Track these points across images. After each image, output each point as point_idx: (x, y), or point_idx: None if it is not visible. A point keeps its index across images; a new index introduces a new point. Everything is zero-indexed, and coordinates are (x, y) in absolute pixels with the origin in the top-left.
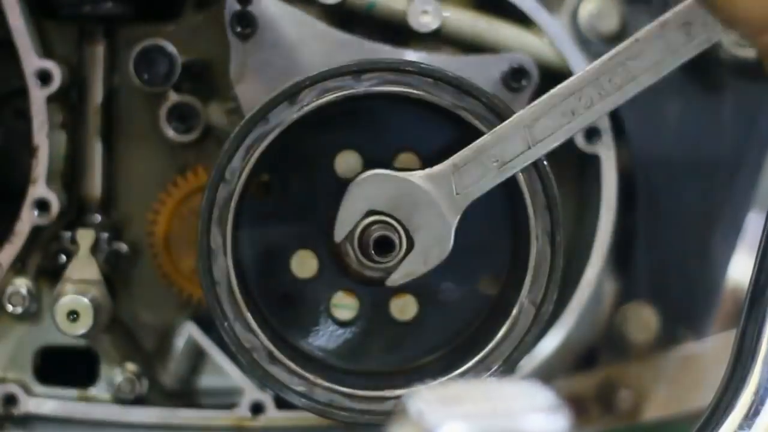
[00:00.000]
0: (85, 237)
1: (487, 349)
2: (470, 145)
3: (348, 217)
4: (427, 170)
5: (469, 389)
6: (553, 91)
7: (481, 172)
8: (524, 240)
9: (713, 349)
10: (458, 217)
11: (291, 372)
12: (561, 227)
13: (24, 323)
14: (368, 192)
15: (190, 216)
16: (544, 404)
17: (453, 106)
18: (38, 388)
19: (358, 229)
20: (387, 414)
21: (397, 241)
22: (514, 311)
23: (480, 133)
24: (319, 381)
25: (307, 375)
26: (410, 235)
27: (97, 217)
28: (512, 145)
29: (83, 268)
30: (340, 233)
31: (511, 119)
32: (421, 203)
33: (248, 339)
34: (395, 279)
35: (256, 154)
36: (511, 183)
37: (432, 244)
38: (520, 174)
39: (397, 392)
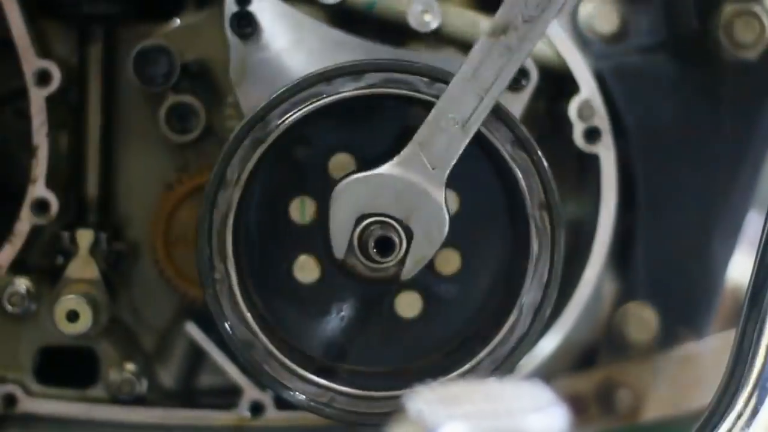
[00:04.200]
0: (84, 237)
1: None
2: (426, 120)
3: (340, 232)
4: (395, 158)
5: (469, 389)
6: (481, 37)
7: (447, 139)
8: (517, 285)
9: (713, 348)
10: (443, 189)
11: (241, 319)
12: (558, 282)
13: (23, 323)
14: (349, 200)
15: (190, 216)
16: (545, 404)
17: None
18: (38, 388)
19: (355, 236)
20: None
21: (396, 240)
22: (482, 354)
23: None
24: (265, 340)
25: (254, 327)
26: (406, 226)
27: (97, 217)
28: (465, 102)
29: (82, 268)
30: (339, 250)
31: (454, 78)
32: (403, 191)
33: (220, 269)
34: (408, 270)
35: (304, 111)
36: (521, 227)
37: (429, 224)
38: (532, 223)
39: (340, 388)
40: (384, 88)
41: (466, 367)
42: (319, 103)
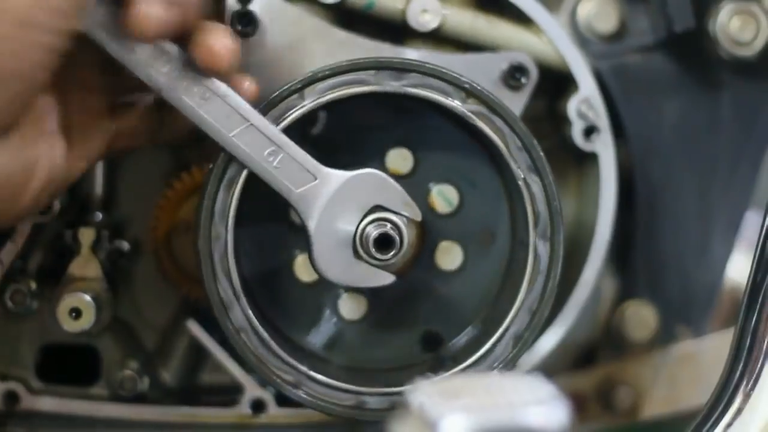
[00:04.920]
0: (86, 235)
1: None
2: (266, 181)
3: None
4: (307, 215)
5: (470, 382)
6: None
7: (287, 163)
8: (518, 278)
9: (711, 347)
10: (337, 172)
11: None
12: (558, 271)
13: (25, 321)
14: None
15: (191, 214)
16: (546, 397)
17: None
18: (39, 385)
19: (357, 235)
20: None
21: (396, 236)
22: (484, 348)
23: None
24: (275, 347)
25: (264, 334)
26: (401, 216)
27: (99, 215)
28: (253, 141)
29: (85, 266)
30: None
31: (234, 146)
32: (345, 199)
33: (223, 276)
34: (415, 213)
35: (332, 96)
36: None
37: (372, 188)
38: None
39: (315, 373)
40: (358, 87)
41: (468, 362)
42: (299, 111)
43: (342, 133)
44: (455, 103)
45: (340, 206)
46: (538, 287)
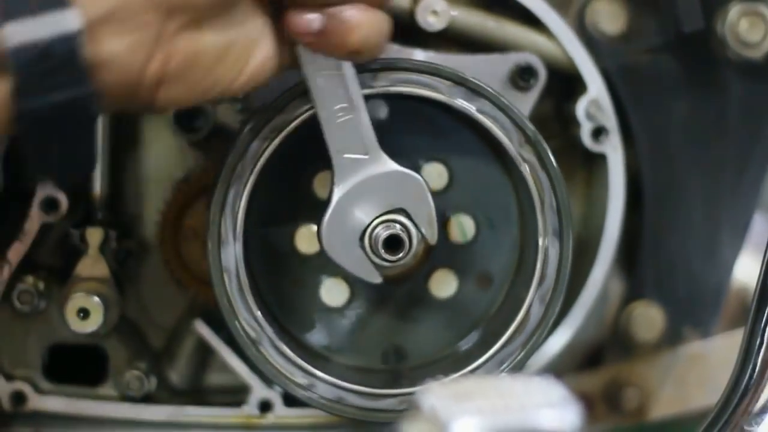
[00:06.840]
0: (94, 235)
1: None
2: (324, 130)
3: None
4: (335, 182)
5: (481, 385)
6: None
7: (351, 126)
8: (525, 285)
9: (719, 347)
10: (388, 159)
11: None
12: (566, 279)
13: (33, 321)
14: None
15: (199, 214)
16: (557, 399)
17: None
18: (47, 385)
19: (365, 239)
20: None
21: (404, 236)
22: (490, 352)
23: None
24: (275, 338)
25: (265, 325)
26: (407, 214)
27: (106, 215)
28: (334, 91)
29: (92, 266)
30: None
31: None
32: (371, 190)
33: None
34: (431, 235)
35: (403, 89)
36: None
37: (408, 190)
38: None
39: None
40: (429, 91)
41: (473, 365)
42: (367, 91)
43: (390, 129)
44: (511, 144)
45: (372, 190)
46: (517, 344)
